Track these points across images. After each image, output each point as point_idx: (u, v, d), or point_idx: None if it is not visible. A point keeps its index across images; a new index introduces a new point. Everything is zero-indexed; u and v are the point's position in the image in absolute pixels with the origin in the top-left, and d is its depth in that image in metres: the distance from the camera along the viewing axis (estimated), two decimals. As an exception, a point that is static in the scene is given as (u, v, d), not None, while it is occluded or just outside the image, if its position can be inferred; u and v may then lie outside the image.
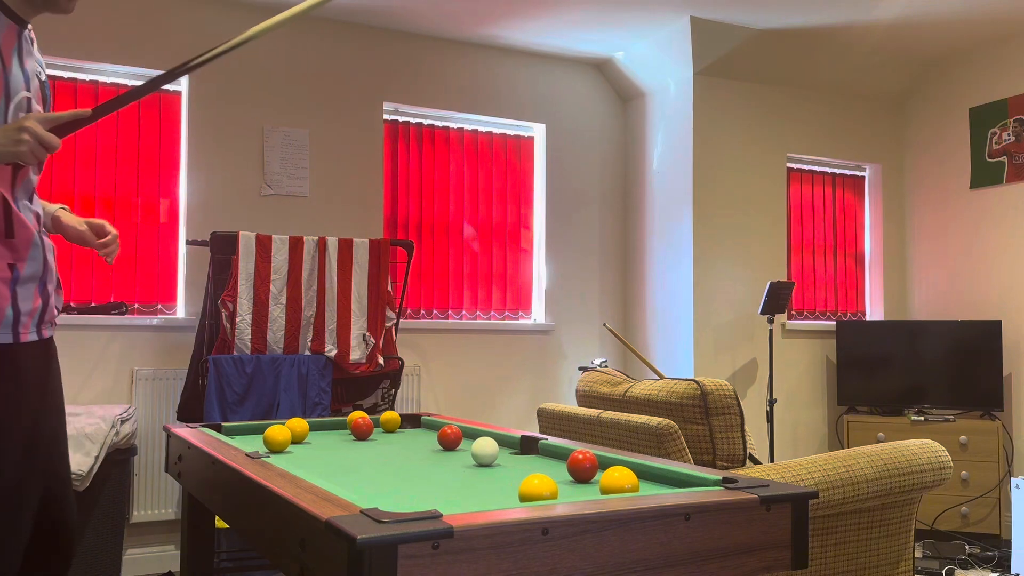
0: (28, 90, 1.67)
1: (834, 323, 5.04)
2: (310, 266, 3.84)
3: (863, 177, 5.37)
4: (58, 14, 1.82)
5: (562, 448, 1.73)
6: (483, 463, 1.65)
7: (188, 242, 3.93)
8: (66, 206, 1.90)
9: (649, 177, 4.98)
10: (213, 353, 3.68)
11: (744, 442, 2.49)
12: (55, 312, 1.79)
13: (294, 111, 4.31)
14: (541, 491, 1.15)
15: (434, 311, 4.64)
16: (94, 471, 3.35)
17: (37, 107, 1.71)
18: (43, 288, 1.72)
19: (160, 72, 4.06)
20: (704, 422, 2.47)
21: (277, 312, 3.74)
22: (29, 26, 1.72)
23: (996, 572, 3.82)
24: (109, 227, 1.85)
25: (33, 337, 1.70)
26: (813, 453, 5.00)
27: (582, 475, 1.43)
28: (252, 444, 1.92)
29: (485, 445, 1.65)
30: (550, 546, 1.02)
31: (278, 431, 1.78)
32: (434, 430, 2.23)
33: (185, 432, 1.92)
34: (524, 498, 1.16)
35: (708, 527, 1.13)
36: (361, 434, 2.00)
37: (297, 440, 1.99)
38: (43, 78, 1.75)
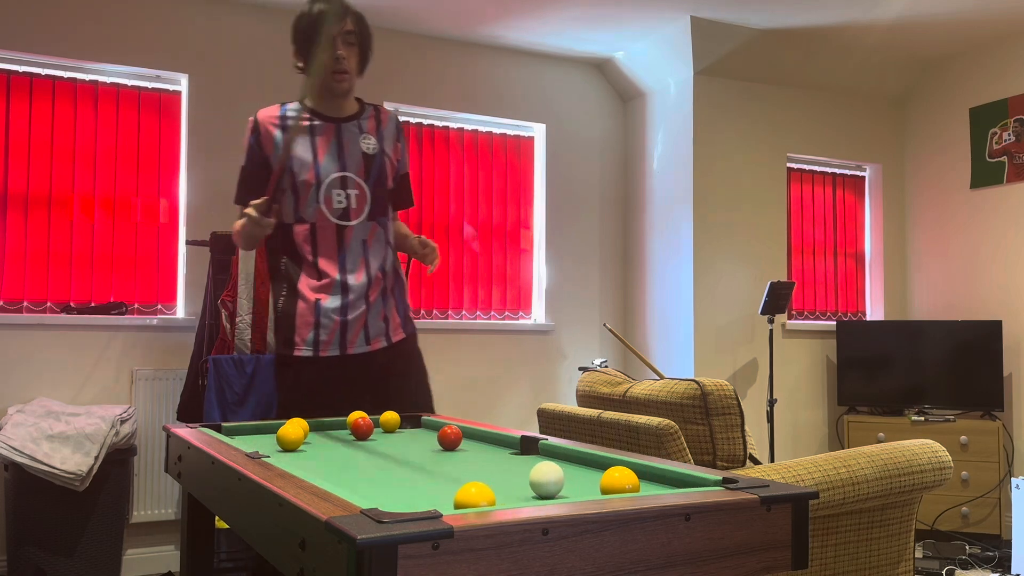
0: (345, 169, 2.35)
1: (834, 323, 5.04)
2: (310, 266, 3.83)
3: (863, 177, 5.37)
4: (335, 96, 2.38)
5: (562, 448, 1.73)
6: (546, 494, 1.23)
7: (188, 242, 3.92)
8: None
9: (649, 177, 4.98)
10: (213, 353, 3.68)
11: (744, 442, 2.49)
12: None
13: (294, 111, 4.31)
14: (478, 500, 1.13)
15: (434, 311, 4.64)
16: (94, 471, 3.35)
17: (357, 179, 2.36)
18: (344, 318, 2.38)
19: (159, 71, 4.06)
20: (704, 422, 2.47)
21: (277, 312, 3.73)
22: (366, 114, 2.43)
23: (996, 572, 3.82)
24: (428, 241, 2.39)
25: (334, 352, 2.37)
26: (813, 453, 5.00)
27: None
28: (252, 444, 1.91)
29: (548, 472, 1.23)
30: (550, 547, 1.01)
31: (291, 429, 1.78)
32: (434, 430, 2.23)
33: (185, 432, 1.92)
34: (459, 506, 1.14)
35: (708, 527, 1.13)
36: (361, 434, 1.99)
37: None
38: (373, 152, 2.39)
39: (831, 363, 5.06)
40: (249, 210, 2.22)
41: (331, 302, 2.34)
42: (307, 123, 2.36)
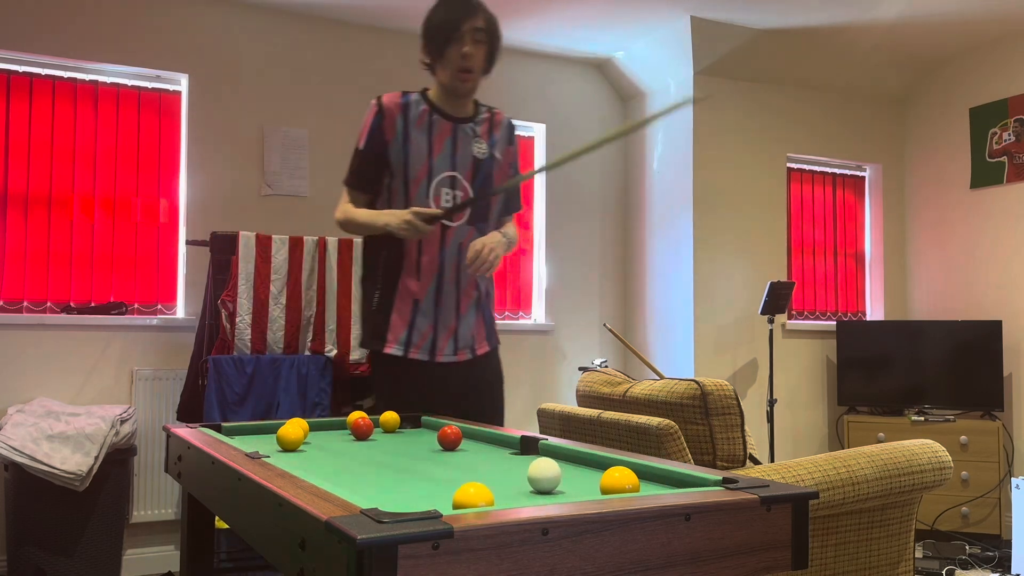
0: (455, 170, 2.36)
1: (834, 323, 5.04)
2: (310, 266, 3.84)
3: (863, 177, 5.37)
4: (458, 95, 2.37)
5: (562, 448, 1.73)
6: (542, 489, 1.31)
7: (188, 242, 3.93)
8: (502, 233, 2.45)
9: (649, 177, 4.98)
10: (213, 353, 3.68)
11: (744, 442, 2.49)
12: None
13: (294, 111, 4.31)
14: (476, 501, 1.14)
15: (434, 311, 4.64)
16: (94, 471, 3.35)
17: (464, 181, 2.37)
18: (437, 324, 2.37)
19: (159, 71, 4.06)
20: (704, 422, 2.47)
21: (277, 312, 3.74)
22: (481, 116, 2.45)
23: (996, 572, 3.82)
24: (477, 247, 2.27)
25: (423, 357, 2.36)
26: (813, 453, 5.00)
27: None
28: (252, 444, 1.91)
29: (546, 468, 1.30)
30: (550, 547, 1.01)
31: (291, 429, 1.78)
32: (434, 430, 2.23)
33: (185, 432, 1.92)
34: (457, 506, 1.14)
35: (708, 527, 1.13)
36: (361, 434, 1.99)
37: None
38: (483, 156, 2.41)
39: (831, 363, 5.06)
40: (410, 217, 2.19)
41: (427, 305, 2.36)
42: (426, 117, 2.37)
